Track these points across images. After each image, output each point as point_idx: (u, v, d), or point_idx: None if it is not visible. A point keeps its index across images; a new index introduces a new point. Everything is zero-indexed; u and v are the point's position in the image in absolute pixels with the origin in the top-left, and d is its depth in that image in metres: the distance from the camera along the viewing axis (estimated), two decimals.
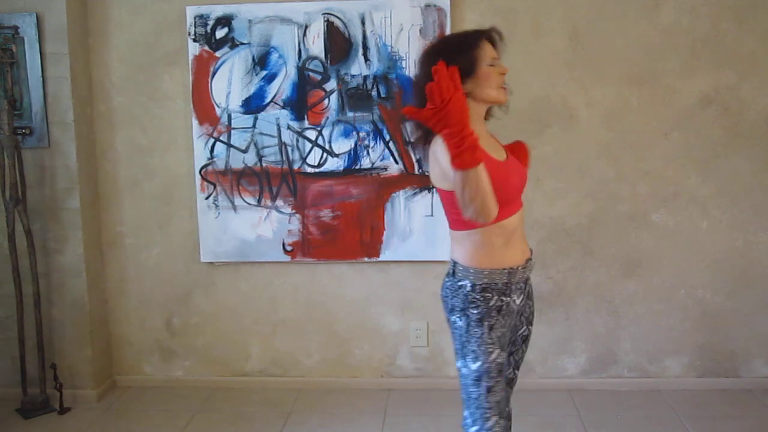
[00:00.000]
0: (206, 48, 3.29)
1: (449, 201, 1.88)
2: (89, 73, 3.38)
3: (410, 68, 3.21)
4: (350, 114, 3.28)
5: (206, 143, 3.35)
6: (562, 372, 3.43)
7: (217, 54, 3.29)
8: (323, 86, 3.28)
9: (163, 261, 3.50)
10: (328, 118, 3.30)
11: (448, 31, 3.17)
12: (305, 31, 3.25)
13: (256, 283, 3.49)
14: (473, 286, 1.92)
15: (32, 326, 3.27)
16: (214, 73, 3.31)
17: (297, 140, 3.32)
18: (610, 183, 3.30)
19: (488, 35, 1.92)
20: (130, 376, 3.59)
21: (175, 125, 3.40)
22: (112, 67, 3.38)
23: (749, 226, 3.29)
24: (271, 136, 3.33)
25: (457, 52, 1.84)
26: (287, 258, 3.40)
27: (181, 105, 3.37)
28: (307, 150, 3.33)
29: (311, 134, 3.32)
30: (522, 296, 2.01)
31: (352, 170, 3.32)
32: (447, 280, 1.99)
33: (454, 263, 1.97)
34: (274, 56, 3.28)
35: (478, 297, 1.92)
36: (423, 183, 3.28)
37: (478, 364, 1.92)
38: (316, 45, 3.26)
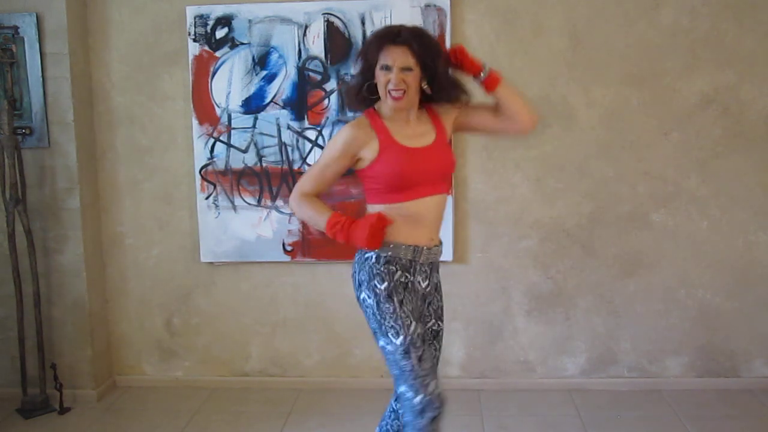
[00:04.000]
0: (206, 48, 3.29)
1: (363, 176, 2.12)
2: (89, 73, 3.38)
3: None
4: (350, 114, 3.28)
5: (206, 143, 3.35)
6: (562, 372, 3.43)
7: (217, 54, 3.29)
8: (323, 86, 3.28)
9: (163, 261, 3.50)
10: (328, 118, 3.30)
11: (448, 32, 3.18)
12: (305, 31, 3.25)
13: (256, 283, 3.49)
14: (377, 258, 2.04)
15: (32, 326, 3.27)
16: (214, 73, 3.31)
17: (297, 140, 3.32)
18: (610, 183, 3.30)
19: (385, 38, 2.02)
20: (130, 376, 3.59)
21: (175, 125, 3.40)
22: (112, 67, 3.38)
23: (749, 226, 3.29)
24: (271, 136, 3.33)
25: (360, 58, 2.09)
26: (287, 258, 3.40)
27: (181, 105, 3.37)
28: (307, 150, 3.33)
29: (311, 134, 3.32)
30: (427, 282, 2.11)
31: (352, 170, 3.30)
32: (356, 255, 2.13)
33: None
34: (274, 56, 3.28)
35: (382, 270, 2.04)
36: None
37: (401, 338, 2.00)
38: (316, 45, 3.26)
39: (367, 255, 2.06)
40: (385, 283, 2.03)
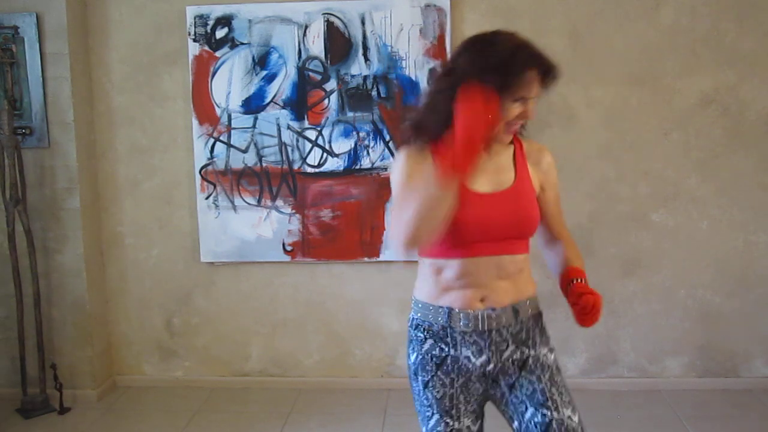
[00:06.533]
0: (206, 48, 3.29)
1: None
2: (89, 73, 3.38)
3: (410, 68, 3.22)
4: (350, 114, 3.28)
5: (206, 143, 3.35)
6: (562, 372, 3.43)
7: (217, 54, 3.29)
8: (323, 86, 3.28)
9: (163, 261, 3.50)
10: (328, 118, 3.30)
11: (448, 32, 3.17)
12: (305, 31, 3.25)
13: (256, 283, 3.49)
14: (412, 319, 1.69)
15: (32, 326, 3.27)
16: (214, 73, 3.31)
17: (297, 140, 3.32)
18: (610, 183, 3.30)
19: (534, 64, 1.60)
20: (130, 376, 3.59)
21: (175, 125, 3.40)
22: (112, 67, 3.38)
23: (749, 226, 3.29)
24: (271, 136, 3.33)
25: (495, 70, 1.52)
26: (287, 258, 3.40)
27: (181, 105, 3.37)
28: (307, 150, 3.33)
29: (311, 134, 3.32)
30: (486, 358, 1.62)
31: (352, 170, 3.32)
32: None
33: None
34: (274, 56, 3.28)
35: (412, 334, 1.67)
36: None
37: (423, 429, 1.66)
38: (316, 45, 3.26)
39: (410, 314, 1.70)
40: (414, 354, 1.65)
